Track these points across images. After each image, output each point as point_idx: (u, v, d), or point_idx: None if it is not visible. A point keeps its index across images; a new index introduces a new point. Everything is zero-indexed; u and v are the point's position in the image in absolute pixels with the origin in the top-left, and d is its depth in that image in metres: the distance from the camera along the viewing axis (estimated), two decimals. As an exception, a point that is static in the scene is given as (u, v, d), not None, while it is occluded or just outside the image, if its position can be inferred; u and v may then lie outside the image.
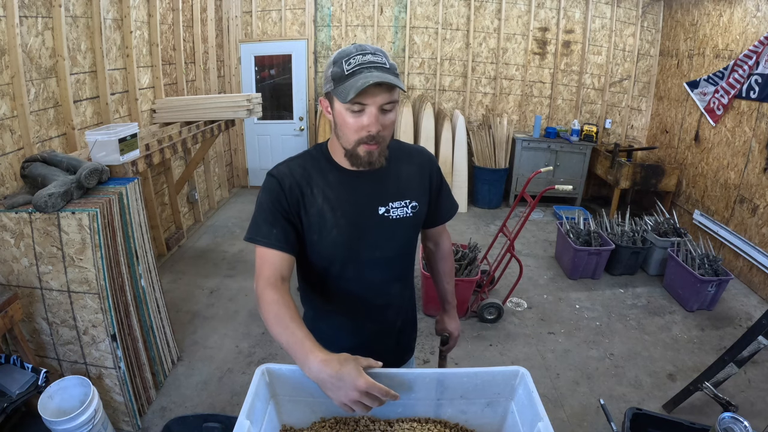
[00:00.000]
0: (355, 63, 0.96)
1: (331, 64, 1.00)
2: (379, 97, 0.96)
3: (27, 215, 1.90)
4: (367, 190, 1.11)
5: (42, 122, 2.58)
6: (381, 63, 0.97)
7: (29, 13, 2.45)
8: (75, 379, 1.93)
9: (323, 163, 1.12)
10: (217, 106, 3.64)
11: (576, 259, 3.66)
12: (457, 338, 1.48)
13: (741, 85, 3.79)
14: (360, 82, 0.93)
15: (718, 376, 2.17)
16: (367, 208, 1.11)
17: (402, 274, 1.26)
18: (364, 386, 0.82)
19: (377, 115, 0.98)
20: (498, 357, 2.79)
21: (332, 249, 1.11)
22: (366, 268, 1.15)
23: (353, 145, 1.02)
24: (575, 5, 5.17)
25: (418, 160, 1.20)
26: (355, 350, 1.23)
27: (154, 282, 2.45)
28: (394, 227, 1.14)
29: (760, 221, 3.56)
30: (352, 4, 5.29)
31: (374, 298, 1.20)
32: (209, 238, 4.40)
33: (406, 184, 1.16)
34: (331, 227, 1.09)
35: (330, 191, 1.09)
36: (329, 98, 1.02)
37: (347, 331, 1.22)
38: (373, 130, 0.99)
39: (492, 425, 1.05)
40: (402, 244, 1.19)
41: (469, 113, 5.59)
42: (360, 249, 1.12)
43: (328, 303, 1.20)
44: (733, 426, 1.34)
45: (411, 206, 1.15)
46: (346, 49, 1.00)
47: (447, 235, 1.41)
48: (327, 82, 1.01)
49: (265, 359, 2.71)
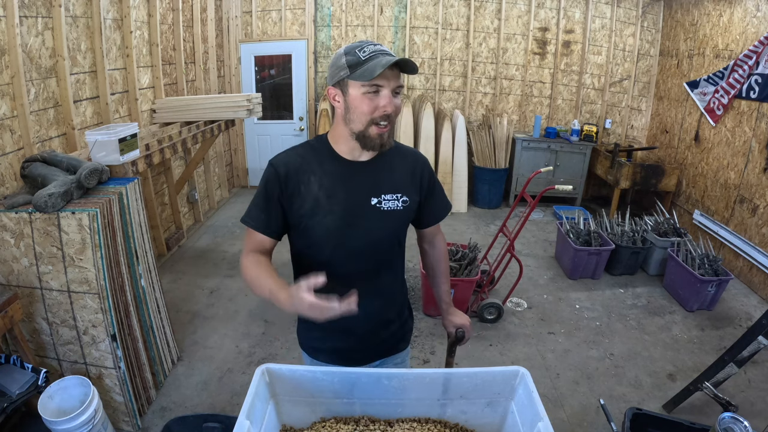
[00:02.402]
0: (369, 50, 1.06)
1: (342, 55, 1.08)
2: (393, 80, 1.08)
3: (27, 215, 1.90)
4: (362, 181, 1.19)
5: (42, 122, 2.58)
6: (390, 52, 1.09)
7: (29, 13, 2.45)
8: (75, 379, 1.93)
9: (323, 152, 1.19)
10: (217, 106, 3.64)
11: (576, 259, 3.66)
12: (470, 328, 1.49)
13: (741, 85, 3.79)
14: (383, 61, 1.03)
15: (718, 376, 2.17)
16: (360, 197, 1.18)
17: (390, 265, 1.32)
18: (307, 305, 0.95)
19: (391, 96, 1.08)
20: (498, 357, 2.79)
21: (325, 234, 1.18)
22: (355, 255, 1.21)
23: (366, 126, 1.10)
24: (575, 5, 5.17)
25: (411, 160, 1.28)
26: (346, 336, 1.29)
27: (154, 282, 2.45)
28: (385, 218, 1.20)
29: (760, 221, 3.56)
30: (352, 4, 5.29)
31: (364, 284, 1.23)
32: (209, 238, 4.40)
33: (399, 179, 1.23)
34: (325, 213, 1.16)
35: (326, 179, 1.16)
36: (341, 86, 1.10)
37: (341, 317, 1.26)
38: (389, 109, 1.09)
39: (492, 425, 1.05)
40: (391, 234, 1.25)
41: (469, 113, 5.59)
42: (350, 236, 1.19)
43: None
44: (733, 426, 1.34)
45: (402, 200, 1.22)
46: (353, 44, 1.10)
47: (441, 237, 1.46)
48: (340, 70, 1.08)
49: (265, 359, 2.71)
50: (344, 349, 1.30)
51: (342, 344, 1.29)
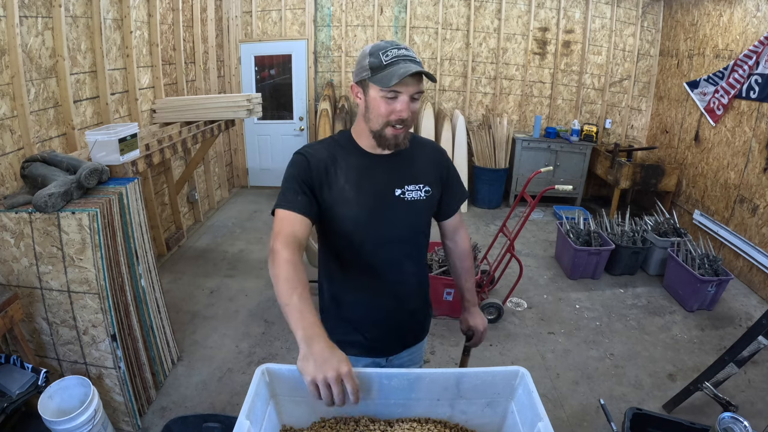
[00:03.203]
0: (392, 55, 1.09)
1: (367, 55, 1.12)
2: (412, 86, 1.10)
3: (27, 215, 1.89)
4: (385, 173, 1.22)
5: (42, 122, 2.58)
6: (413, 57, 1.12)
7: (29, 13, 2.45)
8: (75, 379, 1.93)
9: (347, 147, 1.23)
10: (217, 106, 3.64)
11: (576, 259, 3.66)
12: (483, 333, 1.50)
13: (741, 85, 3.79)
14: (402, 70, 1.06)
15: (718, 376, 2.17)
16: (385, 189, 1.22)
17: (415, 254, 1.33)
18: (345, 371, 0.84)
19: (408, 102, 1.11)
20: (498, 357, 2.79)
21: (352, 226, 1.20)
22: (382, 245, 1.24)
23: (381, 127, 1.14)
24: (575, 5, 5.17)
25: (431, 151, 1.33)
26: (372, 325, 1.30)
27: (154, 282, 2.45)
28: (408, 208, 1.24)
29: (760, 221, 3.56)
30: (352, 4, 5.29)
31: (390, 273, 1.28)
32: (209, 238, 4.40)
33: (420, 170, 1.27)
34: (352, 205, 1.18)
35: (352, 172, 1.19)
36: (363, 85, 1.15)
37: (365, 306, 1.30)
38: (404, 114, 1.12)
39: (492, 425, 1.05)
40: (415, 224, 1.28)
41: (469, 113, 5.59)
42: (377, 227, 1.22)
43: (347, 279, 1.28)
44: (733, 426, 1.35)
45: (424, 190, 1.26)
46: (379, 44, 1.13)
47: (465, 234, 1.47)
48: (363, 71, 1.13)
49: (265, 359, 2.71)
50: (371, 340, 1.32)
51: (369, 335, 1.31)
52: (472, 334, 1.50)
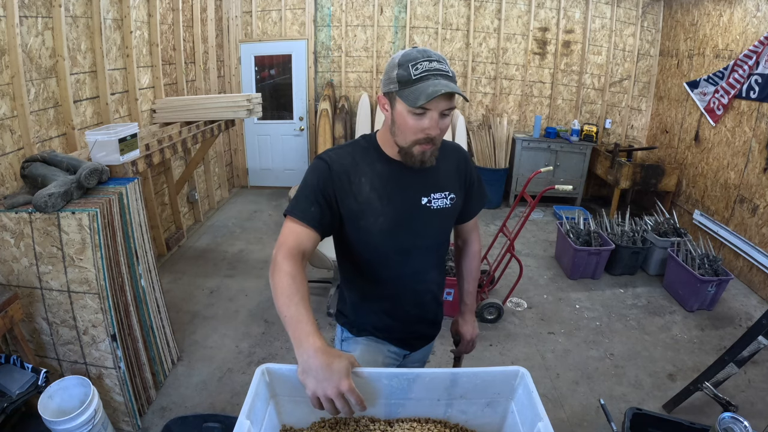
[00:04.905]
0: (422, 69, 1.01)
1: (396, 66, 1.04)
2: (442, 103, 1.03)
3: (27, 215, 1.90)
4: (412, 182, 1.18)
5: (42, 122, 2.58)
6: (445, 71, 1.03)
7: (29, 13, 2.45)
8: (75, 379, 1.93)
9: (372, 153, 1.18)
10: (217, 106, 3.64)
11: (576, 259, 3.66)
12: (470, 342, 1.48)
13: (741, 85, 3.79)
14: (430, 89, 0.99)
15: (718, 376, 2.17)
16: (412, 198, 1.18)
17: (439, 262, 1.32)
18: (346, 387, 0.83)
19: (437, 119, 1.05)
20: (498, 357, 2.79)
21: (378, 236, 1.16)
22: (409, 255, 1.21)
23: (409, 145, 1.09)
24: (575, 5, 5.17)
25: (454, 157, 1.27)
26: (396, 331, 1.30)
27: (154, 282, 2.45)
28: (434, 217, 1.20)
29: (760, 221, 3.56)
30: (352, 4, 5.29)
31: (416, 283, 1.26)
32: (209, 238, 4.40)
33: (445, 177, 1.23)
34: (378, 215, 1.14)
35: (377, 181, 1.15)
36: (390, 98, 1.08)
37: (389, 315, 1.28)
38: (433, 133, 1.06)
39: (492, 425, 1.05)
40: (440, 232, 1.26)
41: (469, 113, 5.59)
42: (404, 236, 1.18)
43: (372, 288, 1.26)
44: (733, 426, 1.34)
45: (450, 198, 1.22)
46: (410, 53, 1.04)
47: (477, 236, 1.45)
48: (390, 82, 1.05)
49: (265, 359, 2.71)
50: (388, 343, 1.32)
51: (387, 340, 1.31)
52: (457, 340, 1.50)
